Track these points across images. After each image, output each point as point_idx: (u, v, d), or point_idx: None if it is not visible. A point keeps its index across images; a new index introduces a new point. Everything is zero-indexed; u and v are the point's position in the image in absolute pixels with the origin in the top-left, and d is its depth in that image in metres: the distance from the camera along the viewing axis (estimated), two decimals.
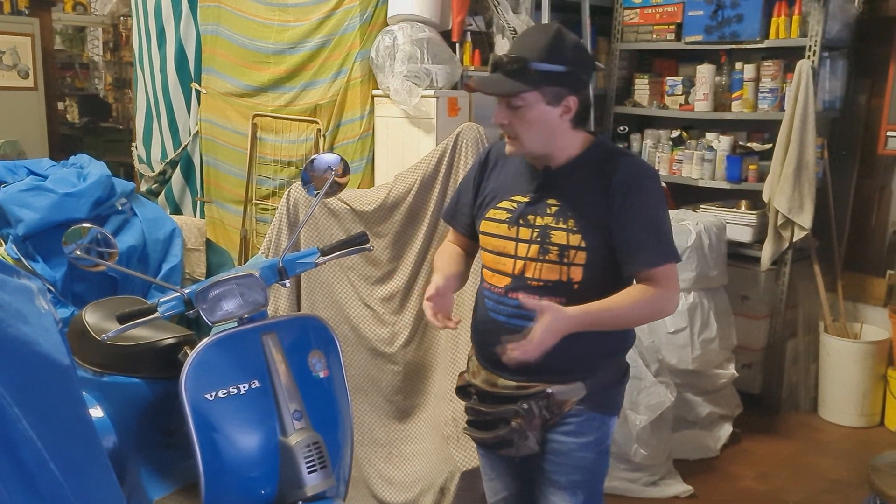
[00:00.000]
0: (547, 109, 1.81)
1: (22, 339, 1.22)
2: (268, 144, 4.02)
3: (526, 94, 1.79)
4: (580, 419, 1.90)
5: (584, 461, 1.93)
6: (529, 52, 1.80)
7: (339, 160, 2.22)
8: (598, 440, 1.93)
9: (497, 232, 1.92)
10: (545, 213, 1.86)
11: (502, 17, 3.56)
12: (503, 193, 1.95)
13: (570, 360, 1.87)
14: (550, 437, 1.93)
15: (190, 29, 4.55)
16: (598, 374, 1.91)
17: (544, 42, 1.80)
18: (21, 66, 6.67)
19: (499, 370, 1.94)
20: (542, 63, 1.78)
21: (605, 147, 1.92)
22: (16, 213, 3.17)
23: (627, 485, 3.29)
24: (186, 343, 2.28)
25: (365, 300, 3.07)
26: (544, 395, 1.88)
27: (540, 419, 1.89)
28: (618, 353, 1.99)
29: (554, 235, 1.83)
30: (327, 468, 1.89)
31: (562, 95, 1.81)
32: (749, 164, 4.09)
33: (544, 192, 1.88)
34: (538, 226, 1.86)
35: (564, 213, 1.84)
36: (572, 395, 1.89)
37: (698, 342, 3.60)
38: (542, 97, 1.80)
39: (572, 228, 1.82)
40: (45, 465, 1.16)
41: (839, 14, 3.92)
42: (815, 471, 3.58)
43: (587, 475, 1.95)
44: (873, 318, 4.18)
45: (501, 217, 1.92)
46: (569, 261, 1.83)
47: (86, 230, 2.00)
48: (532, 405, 1.88)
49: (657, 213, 1.84)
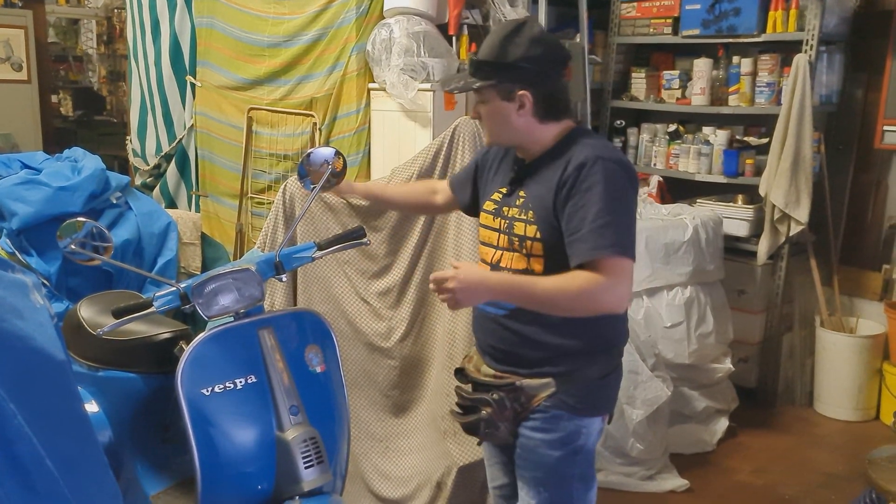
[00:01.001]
0: (501, 104, 1.87)
1: (17, 335, 1.21)
2: (263, 138, 4.00)
3: (483, 90, 1.87)
4: (546, 416, 1.90)
5: (547, 459, 1.91)
6: (483, 50, 1.88)
7: (335, 154, 2.21)
8: (564, 439, 1.90)
9: (486, 223, 2.00)
10: (514, 204, 1.91)
11: (499, 10, 3.54)
12: (493, 186, 2.03)
13: (542, 356, 1.89)
14: (520, 430, 1.95)
15: (185, 21, 4.52)
16: (573, 371, 1.88)
17: (497, 39, 1.86)
18: (14, 58, 6.63)
19: (485, 357, 2.01)
20: (493, 59, 1.85)
21: (574, 135, 1.89)
22: (10, 206, 3.15)
23: (623, 479, 3.29)
24: (182, 338, 2.27)
25: (361, 295, 3.06)
26: (514, 387, 1.92)
27: (511, 411, 1.92)
28: (597, 351, 1.91)
29: (516, 226, 1.89)
30: (324, 463, 1.89)
31: (513, 90, 1.85)
32: (746, 159, 4.09)
33: (517, 184, 1.94)
34: (507, 217, 1.92)
35: (527, 205, 1.88)
36: (541, 391, 1.90)
37: (695, 336, 3.60)
38: (497, 92, 1.86)
39: (530, 219, 1.86)
40: (41, 461, 1.15)
41: (836, 8, 3.91)
42: (811, 465, 3.59)
43: (551, 474, 1.93)
44: (869, 313, 4.18)
45: (490, 209, 1.99)
46: (528, 252, 1.87)
47: (80, 224, 1.99)
48: (503, 396, 1.92)
49: (604, 203, 1.73)
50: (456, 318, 2.82)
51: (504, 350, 1.94)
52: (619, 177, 1.79)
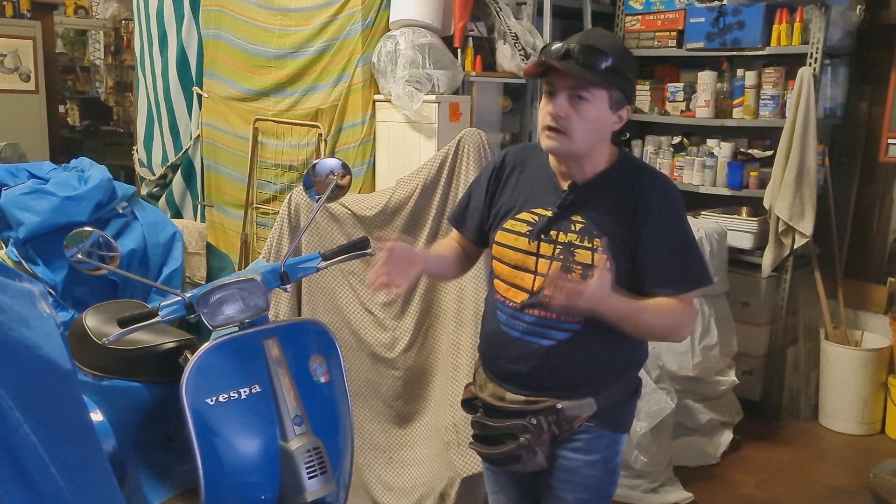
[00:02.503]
0: (607, 112, 1.76)
1: (24, 343, 1.22)
2: (269, 148, 4.02)
3: (597, 89, 1.73)
4: (590, 436, 1.86)
5: (591, 479, 1.89)
6: (602, 47, 1.72)
7: (340, 165, 2.22)
8: (606, 458, 1.89)
9: (515, 245, 1.85)
10: (569, 229, 1.79)
11: (504, 22, 3.56)
12: (523, 205, 1.87)
13: (582, 375, 1.84)
14: (558, 453, 1.88)
15: (192, 33, 4.55)
16: (609, 390, 1.87)
17: (619, 46, 1.78)
18: (22, 69, 6.67)
19: (507, 384, 1.90)
20: (614, 66, 1.72)
21: (630, 162, 1.87)
22: (17, 216, 3.16)
23: (628, 492, 3.28)
24: (187, 347, 2.27)
25: (366, 305, 3.06)
26: (554, 410, 1.83)
27: (549, 434, 1.84)
28: (629, 369, 1.93)
29: (578, 254, 1.77)
30: (328, 473, 1.89)
31: (622, 103, 1.77)
32: (750, 171, 4.09)
33: (569, 207, 1.80)
34: (561, 242, 1.79)
35: (590, 231, 1.77)
36: (583, 412, 1.84)
37: (699, 349, 3.59)
38: (608, 97, 1.75)
39: (598, 248, 1.75)
40: (45, 470, 1.15)
41: (840, 21, 3.92)
42: (815, 478, 3.57)
43: (593, 494, 1.91)
44: (874, 326, 4.17)
45: (521, 230, 1.85)
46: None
47: (87, 233, 2.00)
48: (541, 420, 1.83)
49: (684, 232, 1.80)
50: (460, 328, 2.83)
51: (543, 378, 1.85)
52: (682, 206, 1.83)
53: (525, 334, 1.84)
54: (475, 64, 3.62)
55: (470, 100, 3.54)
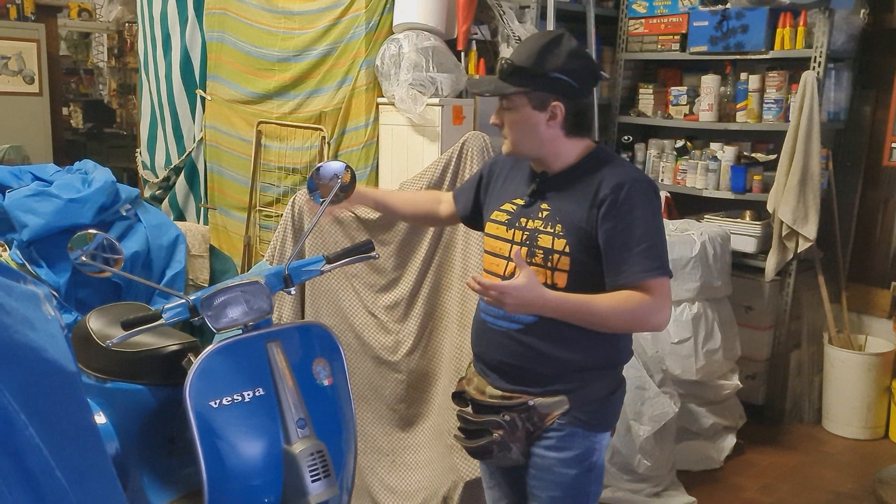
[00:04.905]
0: (532, 113, 1.85)
1: (29, 346, 1.22)
2: (272, 151, 4.02)
3: (513, 95, 1.84)
4: (562, 433, 1.88)
5: (564, 477, 1.90)
6: (519, 56, 1.85)
7: (345, 168, 2.22)
8: (580, 456, 1.90)
9: (496, 233, 1.96)
10: (536, 216, 1.89)
11: (507, 26, 3.57)
12: (505, 196, 2.00)
13: (554, 372, 1.87)
14: (533, 450, 1.91)
15: (195, 36, 4.56)
16: (584, 388, 1.88)
17: (536, 47, 1.84)
18: (26, 71, 6.69)
19: (488, 375, 1.97)
20: (530, 67, 1.82)
21: (601, 156, 1.92)
22: (20, 218, 3.17)
23: (630, 496, 3.27)
24: (190, 350, 2.27)
25: (369, 308, 3.06)
26: (526, 406, 1.88)
27: (523, 431, 1.89)
28: (607, 367, 1.93)
29: (540, 239, 1.86)
30: (331, 477, 1.88)
31: (547, 101, 1.84)
32: (753, 175, 4.09)
33: (538, 196, 1.91)
34: (528, 229, 1.89)
35: (553, 218, 1.86)
36: (555, 409, 1.87)
37: (702, 353, 3.59)
38: (528, 101, 1.84)
39: (558, 233, 1.84)
40: (50, 473, 1.15)
41: (844, 25, 3.92)
42: (818, 483, 3.56)
43: (569, 492, 1.92)
44: (878, 330, 4.16)
45: (501, 219, 1.96)
46: (553, 265, 1.84)
47: (91, 236, 2.00)
48: (515, 417, 1.88)
49: (647, 225, 1.79)
50: (463, 331, 2.83)
51: (515, 366, 1.90)
52: (653, 198, 1.85)
53: (497, 319, 1.91)
54: (478, 67, 3.62)
55: (473, 103, 3.54)
